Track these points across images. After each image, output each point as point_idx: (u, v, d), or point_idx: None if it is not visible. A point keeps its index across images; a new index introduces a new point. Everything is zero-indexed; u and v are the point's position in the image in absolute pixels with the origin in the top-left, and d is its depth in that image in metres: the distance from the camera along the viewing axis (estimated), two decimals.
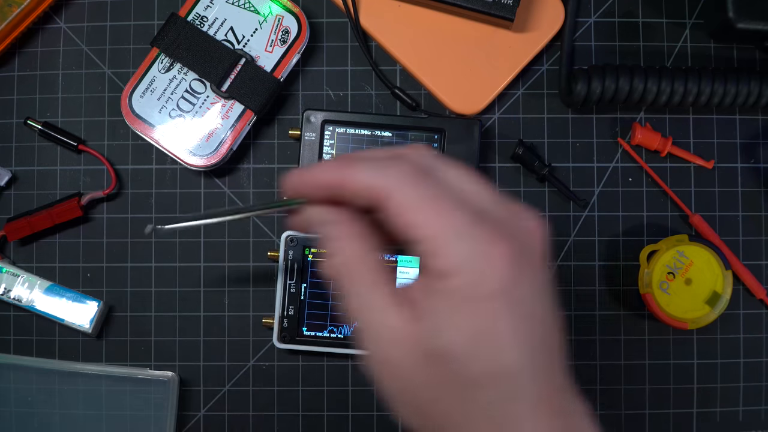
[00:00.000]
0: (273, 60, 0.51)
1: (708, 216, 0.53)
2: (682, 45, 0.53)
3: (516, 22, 0.50)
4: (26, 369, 0.51)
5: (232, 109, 0.50)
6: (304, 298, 0.51)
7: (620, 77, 0.49)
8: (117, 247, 0.53)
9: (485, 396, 0.27)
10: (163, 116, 0.50)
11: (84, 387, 0.51)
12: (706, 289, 0.50)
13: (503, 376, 0.27)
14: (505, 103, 0.54)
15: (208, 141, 0.50)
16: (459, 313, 0.27)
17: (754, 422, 0.53)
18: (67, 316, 0.51)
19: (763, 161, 0.53)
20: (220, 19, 0.51)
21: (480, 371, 0.27)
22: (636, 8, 0.53)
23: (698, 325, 0.50)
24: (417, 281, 0.29)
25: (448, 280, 0.27)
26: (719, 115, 0.53)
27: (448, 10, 0.51)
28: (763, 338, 0.53)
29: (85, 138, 0.53)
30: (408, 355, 0.28)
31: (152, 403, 0.51)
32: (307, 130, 0.51)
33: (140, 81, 0.50)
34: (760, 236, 0.53)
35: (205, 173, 0.53)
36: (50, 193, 0.53)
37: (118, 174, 0.53)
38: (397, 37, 0.52)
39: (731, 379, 0.53)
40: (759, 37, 0.49)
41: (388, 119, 0.51)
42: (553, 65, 0.53)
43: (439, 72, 0.52)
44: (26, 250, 0.53)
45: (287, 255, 0.51)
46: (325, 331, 0.51)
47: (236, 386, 0.53)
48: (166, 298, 0.53)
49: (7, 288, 0.51)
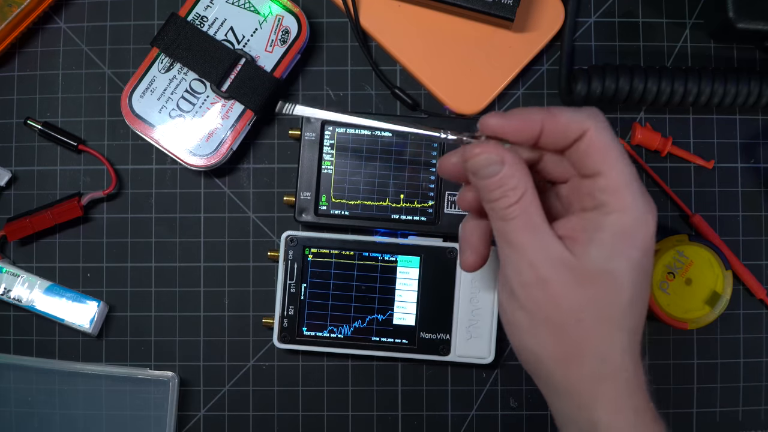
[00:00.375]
0: (273, 60, 0.51)
1: (708, 216, 0.53)
2: (682, 45, 0.53)
3: (516, 22, 0.50)
4: (26, 369, 0.51)
5: (232, 109, 0.50)
6: (304, 298, 0.51)
7: (620, 77, 0.49)
8: (117, 247, 0.53)
9: (627, 323, 0.33)
10: (163, 116, 0.50)
11: (84, 387, 0.51)
12: (706, 289, 0.50)
13: (643, 308, 0.34)
14: (505, 103, 0.54)
15: (208, 141, 0.50)
16: (624, 246, 0.33)
17: (754, 422, 0.53)
18: (67, 316, 0.51)
19: (763, 161, 0.53)
20: (220, 19, 0.51)
21: (629, 299, 0.33)
22: (636, 8, 0.53)
23: (698, 325, 0.50)
24: (574, 218, 0.35)
25: (621, 215, 0.33)
26: (719, 115, 0.53)
27: (448, 10, 0.51)
28: (763, 338, 0.53)
29: (85, 138, 0.53)
30: (565, 277, 0.33)
31: (152, 403, 0.51)
32: (307, 130, 0.51)
33: (140, 81, 0.50)
34: (760, 236, 0.53)
35: (205, 173, 0.53)
36: (50, 193, 0.53)
37: (118, 174, 0.53)
38: (397, 37, 0.52)
39: (731, 379, 0.53)
40: (759, 37, 0.49)
41: (388, 119, 0.51)
42: (553, 65, 0.53)
43: (439, 72, 0.52)
44: (26, 250, 0.53)
45: (287, 255, 0.51)
46: (325, 331, 0.51)
47: (236, 386, 0.53)
48: (166, 298, 0.53)
49: (7, 288, 0.51)
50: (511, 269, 0.34)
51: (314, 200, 0.51)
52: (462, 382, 0.53)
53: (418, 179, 0.51)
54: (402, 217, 0.51)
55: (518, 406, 0.53)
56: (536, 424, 0.52)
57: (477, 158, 0.34)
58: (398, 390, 0.53)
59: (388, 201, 0.51)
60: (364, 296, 0.51)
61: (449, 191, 0.51)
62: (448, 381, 0.53)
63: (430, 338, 0.51)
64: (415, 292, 0.51)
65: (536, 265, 0.33)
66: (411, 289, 0.51)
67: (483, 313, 0.50)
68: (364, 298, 0.51)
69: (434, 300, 0.51)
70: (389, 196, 0.51)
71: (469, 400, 0.53)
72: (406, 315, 0.51)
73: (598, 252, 0.33)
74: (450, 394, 0.53)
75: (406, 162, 0.51)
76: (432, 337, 0.51)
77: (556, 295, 0.33)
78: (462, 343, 0.51)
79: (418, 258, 0.51)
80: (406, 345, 0.51)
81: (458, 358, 0.51)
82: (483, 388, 0.53)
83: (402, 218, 0.51)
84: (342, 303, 0.51)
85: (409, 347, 0.51)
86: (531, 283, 0.33)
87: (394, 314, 0.51)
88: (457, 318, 0.51)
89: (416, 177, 0.51)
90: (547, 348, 0.34)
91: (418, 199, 0.51)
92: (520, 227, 0.34)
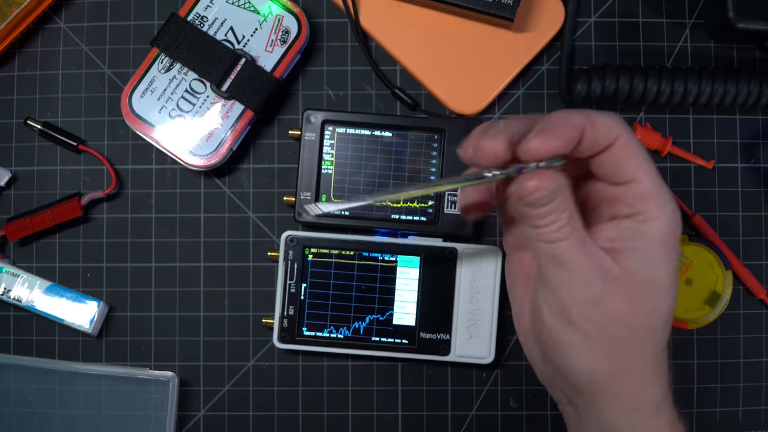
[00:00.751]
0: (273, 60, 0.51)
1: (708, 216, 0.53)
2: (682, 45, 0.53)
3: (516, 22, 0.50)
4: (26, 369, 0.51)
5: (232, 109, 0.50)
6: (304, 298, 0.51)
7: (620, 77, 0.49)
8: (117, 247, 0.53)
9: (667, 327, 0.34)
10: (163, 116, 0.50)
11: (84, 387, 0.51)
12: (706, 289, 0.50)
13: (671, 314, 0.34)
14: (505, 103, 0.54)
15: (208, 141, 0.50)
16: (665, 252, 0.33)
17: (754, 422, 0.53)
18: (67, 316, 0.51)
19: (763, 161, 0.53)
20: (220, 19, 0.50)
21: (671, 304, 0.34)
22: (636, 8, 0.53)
23: (698, 325, 0.50)
24: (610, 227, 0.34)
25: (659, 222, 0.33)
26: (719, 115, 0.53)
27: (448, 10, 0.51)
28: (763, 338, 0.53)
29: (85, 138, 0.53)
30: (618, 291, 0.33)
31: (152, 403, 0.51)
32: (307, 130, 0.51)
33: (140, 81, 0.50)
34: (760, 236, 0.53)
35: (205, 173, 0.53)
36: (50, 193, 0.53)
37: (118, 174, 0.53)
38: (397, 37, 0.52)
39: (731, 379, 0.53)
40: (759, 37, 0.49)
41: (388, 119, 0.51)
42: (553, 65, 0.53)
43: (439, 72, 0.52)
44: (26, 250, 0.53)
45: (287, 255, 0.51)
46: (325, 331, 0.51)
47: (236, 386, 0.53)
48: (166, 298, 0.53)
49: (7, 288, 0.51)
50: (565, 290, 0.33)
51: (314, 200, 0.51)
52: (462, 382, 0.53)
53: (418, 179, 0.51)
54: (402, 217, 0.51)
55: (518, 406, 0.53)
56: (536, 424, 0.53)
57: (536, 194, 0.32)
58: (398, 390, 0.53)
59: (388, 201, 0.51)
60: (364, 296, 0.51)
61: (449, 191, 0.51)
62: (448, 381, 0.53)
63: (430, 338, 0.51)
64: (415, 292, 0.51)
65: (591, 283, 0.33)
66: (411, 289, 0.51)
67: (483, 313, 0.50)
68: (364, 298, 0.51)
69: (434, 300, 0.51)
70: None
71: (469, 400, 0.53)
72: (406, 315, 0.51)
73: (641, 261, 0.33)
74: (450, 394, 0.53)
75: (406, 162, 0.51)
76: (432, 337, 0.51)
77: (613, 310, 0.33)
78: (462, 343, 0.51)
79: (418, 258, 0.51)
80: (406, 345, 0.51)
81: (458, 358, 0.51)
82: (483, 388, 0.53)
83: (402, 218, 0.51)
84: (342, 303, 0.51)
85: (409, 347, 0.51)
86: (587, 301, 0.33)
87: (394, 314, 0.51)
88: (457, 318, 0.51)
89: (416, 177, 0.51)
90: (602, 364, 0.33)
91: (418, 199, 0.51)
92: (571, 247, 0.32)
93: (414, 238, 0.51)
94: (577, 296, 0.33)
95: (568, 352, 0.34)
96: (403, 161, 0.51)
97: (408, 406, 0.53)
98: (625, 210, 0.33)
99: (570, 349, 0.34)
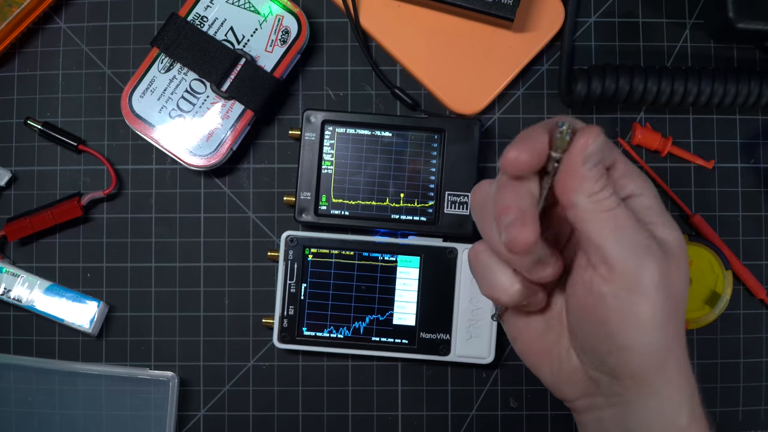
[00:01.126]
0: (273, 60, 0.51)
1: (708, 216, 0.53)
2: (682, 45, 0.53)
3: (516, 22, 0.50)
4: (26, 369, 0.51)
5: (232, 109, 0.50)
6: (304, 298, 0.51)
7: (620, 77, 0.49)
8: (117, 247, 0.53)
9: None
10: (163, 116, 0.50)
11: (84, 387, 0.51)
12: (706, 289, 0.50)
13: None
14: (505, 103, 0.54)
15: (208, 141, 0.50)
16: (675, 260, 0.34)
17: (754, 422, 0.53)
18: (67, 316, 0.51)
19: (763, 161, 0.53)
20: (220, 19, 0.51)
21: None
22: (636, 8, 0.53)
23: (698, 325, 0.50)
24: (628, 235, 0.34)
25: (666, 233, 0.34)
26: (719, 115, 0.53)
27: (448, 10, 0.51)
28: (763, 338, 0.53)
29: (85, 138, 0.53)
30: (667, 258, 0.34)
31: (152, 403, 0.51)
32: (307, 130, 0.51)
33: (140, 81, 0.50)
34: (760, 236, 0.53)
35: (205, 173, 0.53)
36: (50, 193, 0.53)
37: (118, 174, 0.53)
38: (397, 37, 0.52)
39: (731, 379, 0.53)
40: (759, 37, 0.49)
41: (388, 119, 0.51)
42: (553, 65, 0.53)
43: (439, 72, 0.52)
44: (26, 250, 0.53)
45: (287, 255, 0.51)
46: (325, 331, 0.51)
47: (236, 386, 0.53)
48: (166, 298, 0.53)
49: (7, 288, 0.51)
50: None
51: (314, 200, 0.51)
52: (462, 382, 0.53)
53: (418, 179, 0.51)
54: (402, 217, 0.51)
55: (518, 406, 0.53)
56: (536, 424, 0.53)
57: (598, 140, 0.32)
58: (398, 390, 0.53)
59: (388, 201, 0.51)
60: (364, 296, 0.51)
61: (449, 191, 0.51)
62: (448, 381, 0.53)
63: (430, 338, 0.51)
64: (415, 292, 0.51)
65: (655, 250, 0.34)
66: (411, 289, 0.51)
67: (483, 313, 0.50)
68: (364, 298, 0.51)
69: (434, 300, 0.51)
70: (389, 196, 0.51)
71: (469, 400, 0.53)
72: (406, 315, 0.51)
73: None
74: (450, 394, 0.53)
75: (406, 162, 0.51)
76: (432, 337, 0.51)
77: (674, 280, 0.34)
78: (462, 343, 0.51)
79: (418, 258, 0.51)
80: (406, 345, 0.51)
81: (458, 358, 0.51)
82: (483, 388, 0.53)
83: (402, 218, 0.51)
84: (342, 303, 0.51)
85: (409, 347, 0.51)
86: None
87: (394, 314, 0.51)
88: (457, 318, 0.51)
89: (416, 177, 0.51)
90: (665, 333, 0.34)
91: (418, 199, 0.51)
92: (627, 213, 0.33)
93: (414, 238, 0.51)
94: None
95: (635, 326, 0.33)
96: (403, 161, 0.51)
97: (408, 406, 0.53)
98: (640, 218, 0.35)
99: (637, 321, 0.33)
